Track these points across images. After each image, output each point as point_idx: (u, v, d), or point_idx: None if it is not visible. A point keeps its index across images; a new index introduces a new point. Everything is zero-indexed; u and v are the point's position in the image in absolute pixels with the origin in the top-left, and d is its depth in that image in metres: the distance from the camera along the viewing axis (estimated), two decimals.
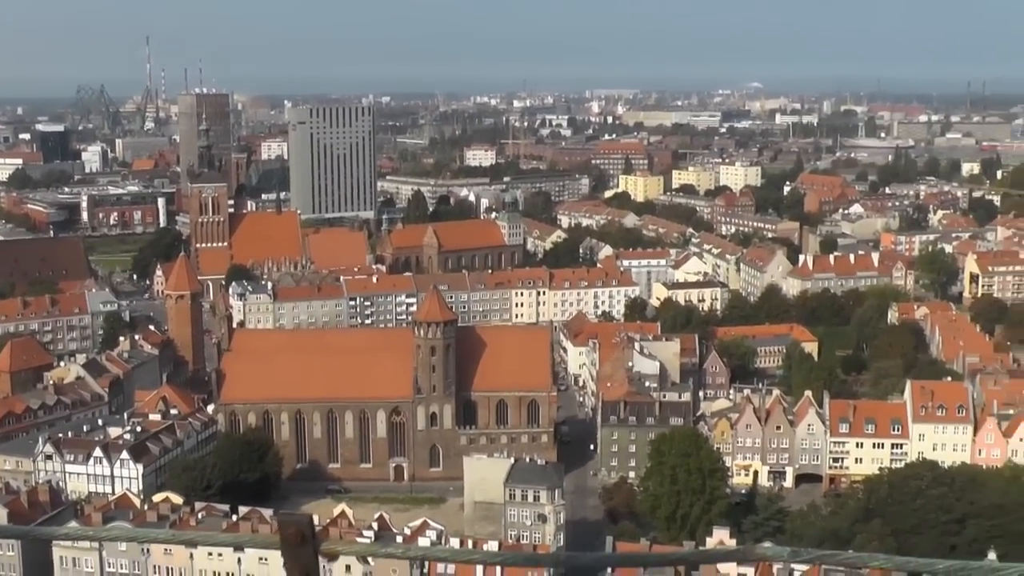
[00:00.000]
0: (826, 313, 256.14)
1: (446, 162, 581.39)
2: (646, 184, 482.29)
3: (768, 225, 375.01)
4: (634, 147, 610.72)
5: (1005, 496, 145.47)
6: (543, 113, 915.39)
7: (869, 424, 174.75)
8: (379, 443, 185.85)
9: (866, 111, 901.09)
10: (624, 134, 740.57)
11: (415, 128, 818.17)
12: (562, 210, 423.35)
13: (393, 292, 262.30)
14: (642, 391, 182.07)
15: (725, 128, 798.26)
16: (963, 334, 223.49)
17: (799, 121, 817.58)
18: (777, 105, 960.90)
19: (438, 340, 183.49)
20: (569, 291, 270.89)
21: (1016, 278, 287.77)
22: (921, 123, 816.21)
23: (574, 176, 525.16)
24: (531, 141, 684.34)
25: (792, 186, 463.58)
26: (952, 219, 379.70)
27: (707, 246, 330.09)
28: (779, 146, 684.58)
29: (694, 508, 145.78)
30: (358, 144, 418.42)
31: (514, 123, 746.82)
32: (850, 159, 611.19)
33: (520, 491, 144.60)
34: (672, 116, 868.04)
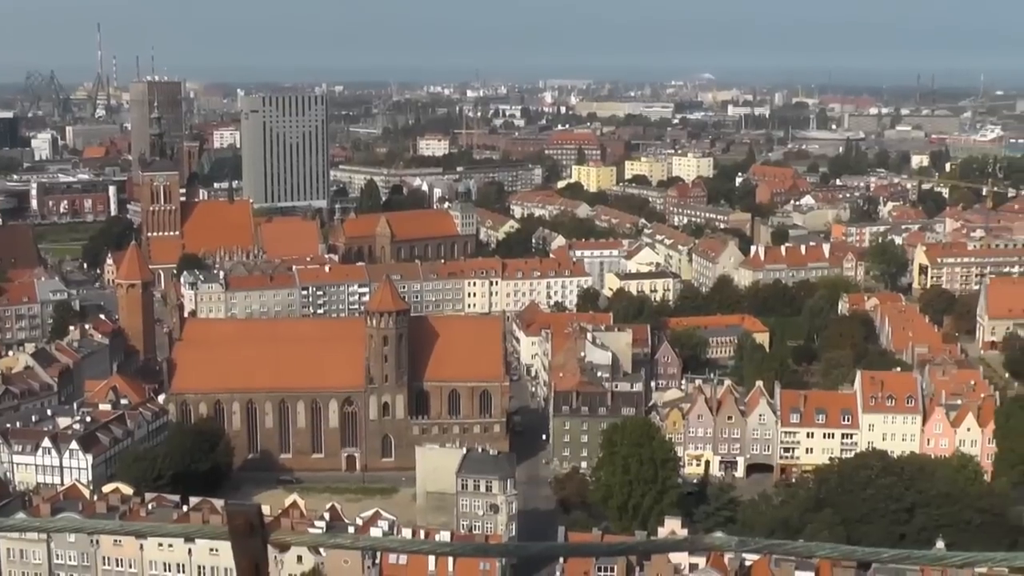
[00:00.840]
0: (777, 304, 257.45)
1: (399, 152, 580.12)
2: (599, 174, 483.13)
3: (720, 216, 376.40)
4: (587, 137, 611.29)
5: (953, 485, 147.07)
6: (496, 103, 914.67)
7: (820, 414, 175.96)
8: (331, 433, 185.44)
9: (817, 103, 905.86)
10: (577, 124, 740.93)
11: (368, 117, 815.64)
12: (515, 200, 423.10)
13: (346, 282, 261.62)
14: (594, 381, 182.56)
15: (678, 119, 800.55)
16: (912, 325, 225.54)
17: (751, 113, 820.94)
18: (729, 97, 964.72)
19: (390, 330, 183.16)
20: (522, 281, 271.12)
21: (964, 270, 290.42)
22: (871, 115, 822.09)
23: (527, 166, 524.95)
24: (484, 131, 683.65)
25: (744, 177, 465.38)
26: (902, 211, 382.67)
27: (659, 237, 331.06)
28: (731, 137, 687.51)
29: (646, 498, 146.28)
30: (311, 133, 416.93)
31: (467, 113, 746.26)
32: (801, 151, 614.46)
33: (472, 481, 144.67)
34: (625, 107, 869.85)
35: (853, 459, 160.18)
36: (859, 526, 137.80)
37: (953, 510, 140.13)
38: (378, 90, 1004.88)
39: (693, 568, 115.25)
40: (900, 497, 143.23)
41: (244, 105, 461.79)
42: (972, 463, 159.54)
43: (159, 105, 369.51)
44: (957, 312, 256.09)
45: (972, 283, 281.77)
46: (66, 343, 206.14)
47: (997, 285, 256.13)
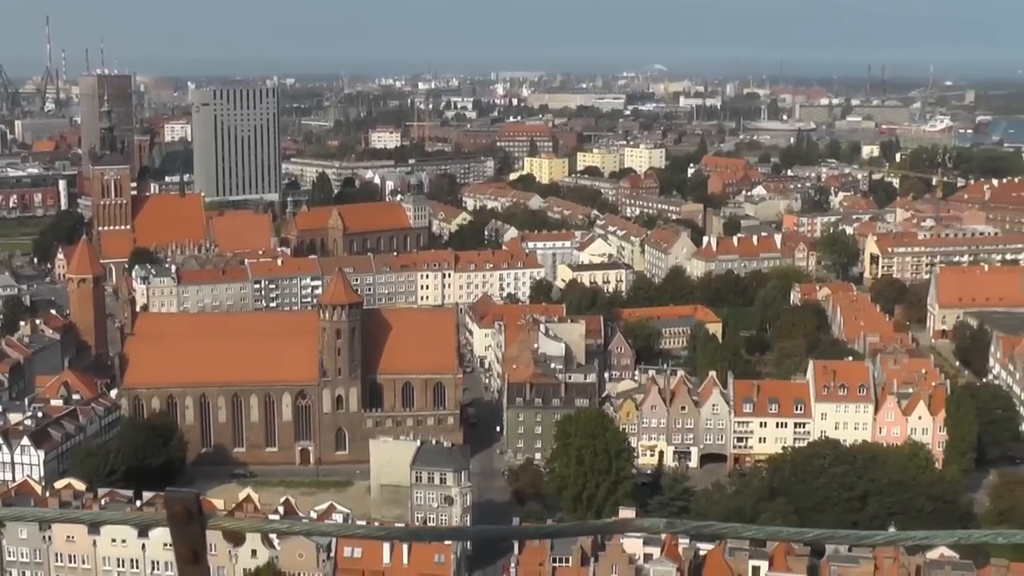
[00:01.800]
0: (730, 294, 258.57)
1: (351, 144, 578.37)
2: (551, 166, 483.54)
3: (672, 207, 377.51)
4: (539, 129, 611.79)
5: (904, 473, 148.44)
6: (448, 95, 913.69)
7: (772, 404, 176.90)
8: (285, 427, 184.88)
9: (769, 94, 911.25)
10: (529, 116, 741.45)
11: (320, 110, 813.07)
12: (467, 192, 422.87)
13: (298, 275, 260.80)
14: (548, 373, 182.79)
15: (629, 111, 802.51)
16: (864, 314, 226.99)
17: (703, 104, 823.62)
18: (681, 88, 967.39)
19: (343, 323, 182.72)
20: (474, 273, 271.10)
21: (915, 259, 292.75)
22: (822, 106, 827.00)
23: (479, 158, 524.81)
24: (436, 123, 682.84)
25: (696, 168, 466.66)
26: (853, 201, 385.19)
27: (612, 228, 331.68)
28: (683, 128, 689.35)
29: (600, 489, 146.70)
30: (262, 126, 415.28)
31: (419, 105, 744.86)
32: (753, 141, 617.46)
33: (426, 473, 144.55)
34: (577, 98, 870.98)
35: (806, 448, 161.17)
36: (812, 514, 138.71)
37: (905, 498, 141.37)
38: (330, 83, 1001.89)
39: (648, 558, 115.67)
40: (853, 485, 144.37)
41: (195, 98, 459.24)
42: (923, 451, 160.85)
43: (109, 99, 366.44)
44: (908, 301, 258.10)
45: (922, 272, 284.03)
46: (16, 338, 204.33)
47: (947, 274, 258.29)
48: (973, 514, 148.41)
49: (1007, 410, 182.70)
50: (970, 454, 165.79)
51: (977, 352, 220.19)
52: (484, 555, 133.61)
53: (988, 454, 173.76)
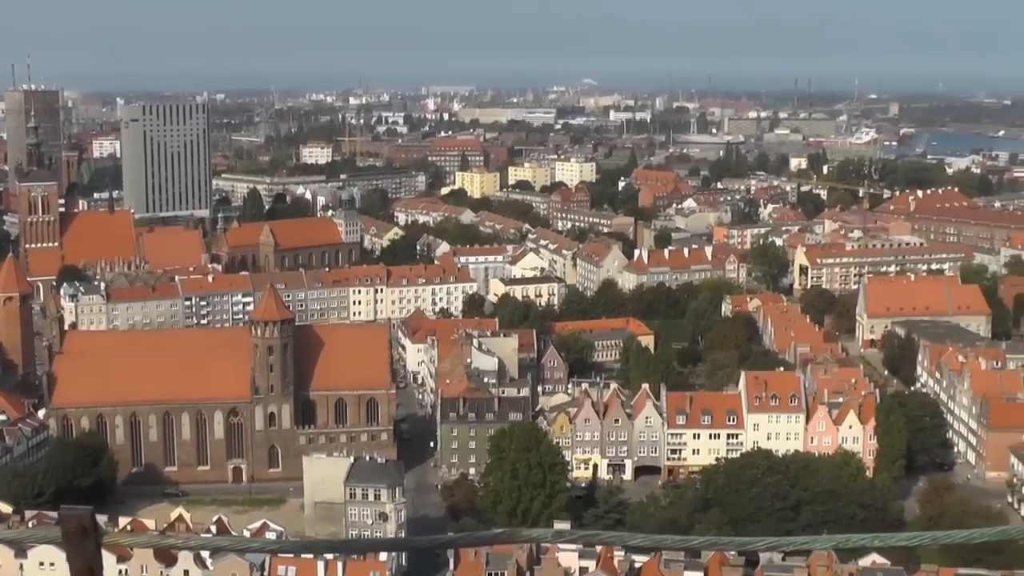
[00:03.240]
0: (661, 306, 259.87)
1: (282, 160, 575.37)
2: (482, 180, 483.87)
3: (603, 220, 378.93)
4: (470, 144, 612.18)
5: (836, 482, 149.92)
6: (379, 110, 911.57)
7: (705, 415, 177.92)
8: (217, 444, 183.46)
9: (698, 107, 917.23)
10: (460, 131, 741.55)
11: (250, 125, 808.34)
12: (399, 207, 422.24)
13: (229, 291, 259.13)
14: (481, 387, 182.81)
15: (560, 125, 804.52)
16: (794, 325, 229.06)
17: (632, 117, 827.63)
18: (611, 102, 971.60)
19: (275, 339, 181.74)
20: (407, 288, 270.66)
21: (843, 270, 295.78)
22: (751, 119, 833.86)
23: (411, 173, 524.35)
24: (367, 138, 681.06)
25: (626, 182, 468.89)
26: (782, 213, 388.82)
27: (543, 242, 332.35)
28: (613, 142, 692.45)
29: (535, 502, 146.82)
30: (192, 142, 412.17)
31: (350, 120, 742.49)
32: (683, 154, 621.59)
33: (360, 490, 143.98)
34: (508, 113, 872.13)
35: (739, 459, 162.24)
36: (746, 525, 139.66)
37: (837, 506, 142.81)
38: (260, 98, 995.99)
39: (584, 571, 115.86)
40: (786, 495, 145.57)
41: (124, 114, 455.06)
42: (854, 460, 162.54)
43: (36, 114, 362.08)
44: (837, 311, 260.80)
45: (851, 283, 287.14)
46: None
47: (875, 284, 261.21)
48: (903, 521, 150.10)
49: (935, 417, 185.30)
50: (900, 462, 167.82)
51: (905, 361, 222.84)
52: (420, 571, 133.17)
53: (917, 461, 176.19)
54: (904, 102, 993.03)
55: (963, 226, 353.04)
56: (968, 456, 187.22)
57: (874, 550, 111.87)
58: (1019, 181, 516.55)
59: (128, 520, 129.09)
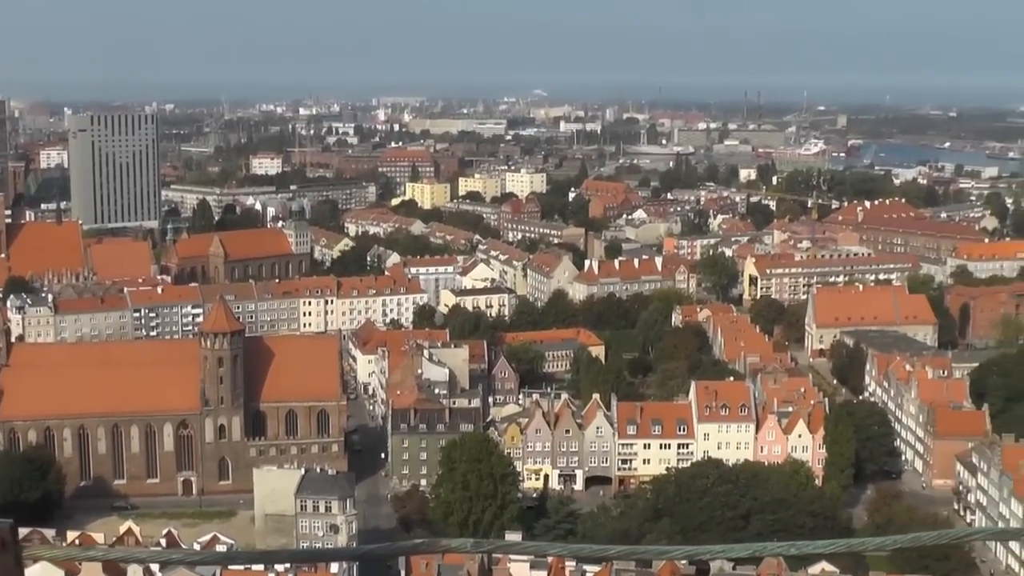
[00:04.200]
0: (612, 317, 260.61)
1: (232, 170, 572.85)
2: (433, 191, 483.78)
3: (554, 231, 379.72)
4: (421, 154, 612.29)
5: (786, 491, 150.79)
6: (329, 121, 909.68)
7: (656, 425, 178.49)
8: (166, 457, 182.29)
9: (648, 118, 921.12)
10: (411, 142, 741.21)
11: (200, 136, 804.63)
12: (349, 218, 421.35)
13: (179, 303, 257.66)
14: (432, 398, 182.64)
15: (511, 135, 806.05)
16: (744, 335, 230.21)
17: (583, 128, 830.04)
18: (561, 113, 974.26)
19: (225, 351, 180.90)
20: (357, 299, 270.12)
21: (792, 280, 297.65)
22: (700, 130, 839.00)
23: (361, 184, 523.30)
24: (317, 149, 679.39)
25: (577, 192, 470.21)
26: (731, 223, 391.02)
27: (494, 252, 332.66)
28: (564, 153, 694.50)
29: (486, 513, 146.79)
30: (141, 152, 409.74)
31: (300, 131, 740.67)
32: (633, 165, 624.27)
33: (311, 502, 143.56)
34: (458, 124, 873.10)
35: (689, 468, 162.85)
36: (697, 534, 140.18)
37: (787, 515, 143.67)
38: (210, 108, 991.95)
39: None
40: (736, 504, 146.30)
41: (71, 124, 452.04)
42: (804, 468, 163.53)
43: None
44: (786, 321, 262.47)
45: (800, 293, 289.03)
46: None
47: (824, 294, 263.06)
48: (852, 529, 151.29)
49: (883, 426, 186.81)
50: (848, 470, 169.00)
51: (853, 370, 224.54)
52: None
53: (866, 469, 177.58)
54: (852, 114, 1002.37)
55: (910, 236, 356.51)
56: (915, 464, 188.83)
57: (798, 558, 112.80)
58: (964, 192, 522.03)
59: (76, 534, 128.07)
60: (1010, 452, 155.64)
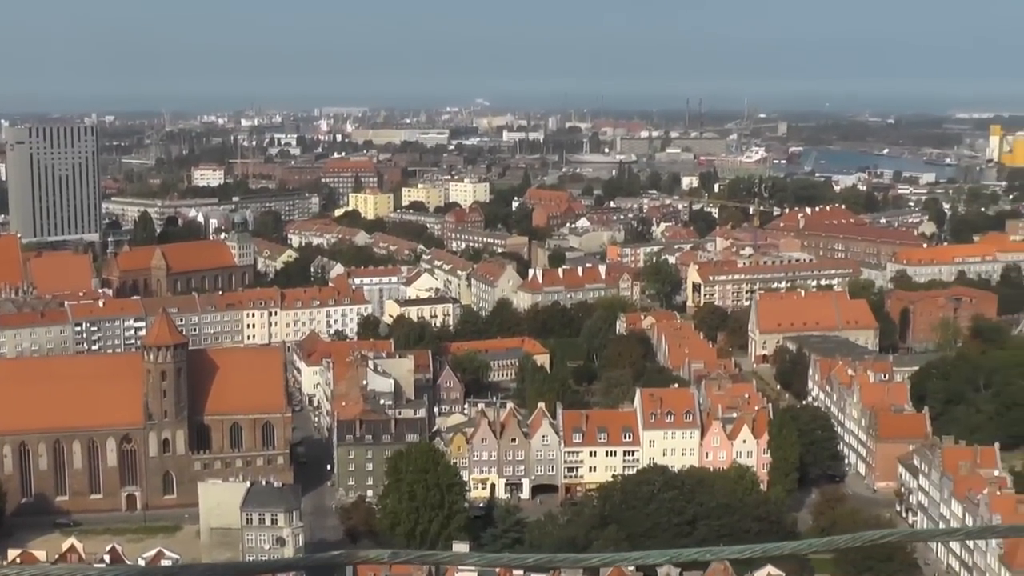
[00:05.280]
0: (556, 325, 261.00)
1: (173, 182, 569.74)
2: (376, 202, 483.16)
3: (498, 240, 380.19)
4: (364, 165, 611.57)
5: (731, 496, 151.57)
6: (271, 132, 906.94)
7: (601, 433, 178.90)
8: (109, 472, 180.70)
9: (590, 127, 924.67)
10: (353, 152, 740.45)
11: (141, 148, 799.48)
12: (292, 229, 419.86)
13: (121, 316, 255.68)
14: (377, 409, 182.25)
15: (453, 145, 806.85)
16: (688, 342, 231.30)
17: (526, 137, 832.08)
18: (504, 122, 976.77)
19: (168, 364, 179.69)
20: (301, 311, 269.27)
21: (735, 286, 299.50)
22: (643, 138, 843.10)
23: (304, 195, 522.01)
24: (260, 160, 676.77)
25: (520, 201, 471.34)
26: (674, 231, 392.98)
27: (438, 262, 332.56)
28: (507, 162, 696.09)
29: (433, 523, 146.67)
30: (81, 165, 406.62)
31: (242, 142, 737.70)
32: (576, 174, 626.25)
33: (257, 515, 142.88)
34: (401, 134, 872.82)
35: (635, 475, 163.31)
36: (644, 540, 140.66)
37: (732, 520, 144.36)
38: (151, 120, 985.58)
39: None
40: (682, 510, 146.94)
41: (9, 136, 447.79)
42: (749, 473, 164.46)
43: None
44: (730, 328, 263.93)
45: (743, 299, 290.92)
46: None
47: (766, 300, 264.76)
48: (797, 533, 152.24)
49: (826, 430, 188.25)
50: (793, 474, 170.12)
51: (796, 375, 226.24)
52: None
53: (810, 473, 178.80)
54: (792, 121, 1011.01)
55: (851, 242, 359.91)
56: (858, 467, 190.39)
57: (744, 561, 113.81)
58: (903, 198, 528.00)
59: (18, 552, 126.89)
60: (950, 454, 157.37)
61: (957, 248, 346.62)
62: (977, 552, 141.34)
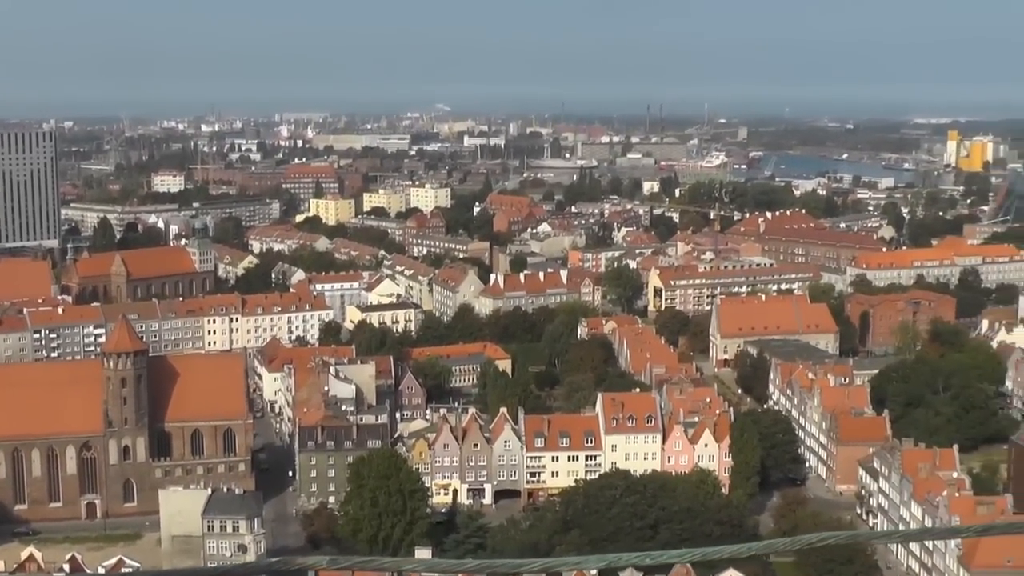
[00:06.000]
0: (518, 330, 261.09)
1: (133, 188, 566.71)
2: (337, 207, 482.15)
3: (459, 245, 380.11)
4: (324, 171, 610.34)
5: (693, 500, 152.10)
6: (232, 137, 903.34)
7: (564, 438, 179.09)
8: (69, 480, 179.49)
9: (551, 132, 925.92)
10: (314, 158, 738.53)
11: (100, 153, 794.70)
12: (253, 235, 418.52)
13: (80, 323, 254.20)
14: (339, 415, 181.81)
15: (415, 151, 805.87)
16: (649, 346, 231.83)
17: (487, 143, 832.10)
18: (465, 127, 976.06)
19: (128, 371, 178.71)
20: (262, 317, 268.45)
21: (696, 291, 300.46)
22: (603, 144, 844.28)
23: (265, 201, 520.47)
24: (220, 166, 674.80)
25: (481, 207, 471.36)
26: (635, 236, 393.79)
27: (399, 268, 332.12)
28: (468, 167, 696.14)
29: (396, 529, 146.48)
30: (40, 170, 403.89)
31: (202, 148, 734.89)
32: (537, 179, 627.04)
33: (219, 522, 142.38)
34: (362, 139, 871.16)
35: (597, 480, 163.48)
36: (606, 545, 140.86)
37: (695, 524, 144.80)
38: (110, 125, 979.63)
39: None
40: (644, 514, 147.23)
41: None
42: (710, 477, 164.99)
43: None
44: (691, 332, 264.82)
45: (704, 304, 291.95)
46: None
47: (727, 305, 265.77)
48: (759, 536, 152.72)
49: (787, 434, 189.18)
50: (754, 478, 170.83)
51: (757, 379, 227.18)
52: None
53: (771, 477, 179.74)
54: (752, 126, 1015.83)
55: (811, 247, 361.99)
56: (819, 470, 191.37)
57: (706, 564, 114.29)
58: (862, 202, 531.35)
59: None
60: (910, 456, 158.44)
61: (916, 252, 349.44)
62: (936, 553, 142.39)
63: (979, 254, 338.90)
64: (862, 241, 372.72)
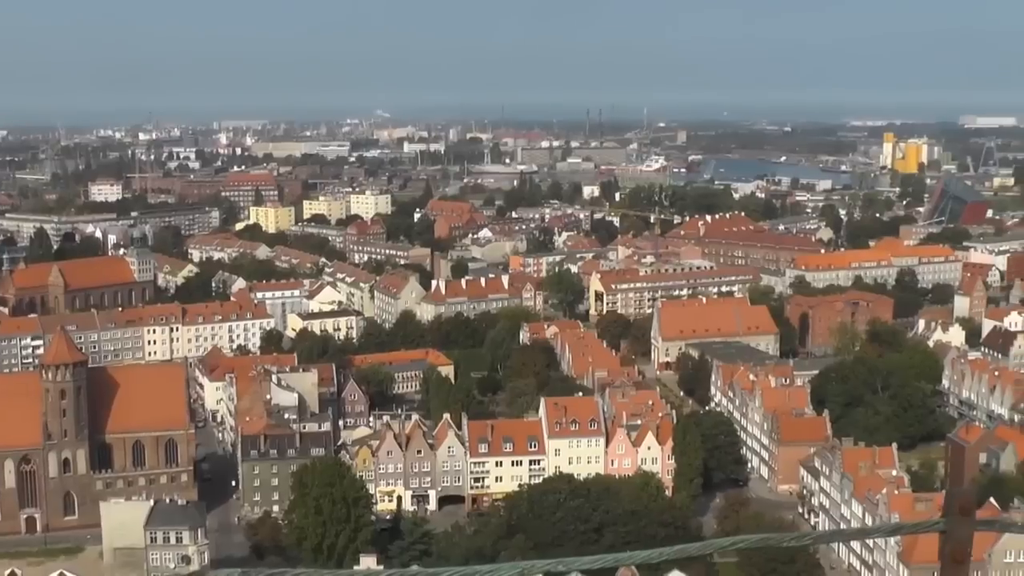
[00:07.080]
0: (460, 336, 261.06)
1: (70, 198, 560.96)
2: (277, 215, 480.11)
3: (400, 252, 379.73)
4: (264, 178, 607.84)
5: (637, 502, 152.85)
6: (170, 146, 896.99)
7: (507, 443, 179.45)
8: (7, 494, 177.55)
9: (491, 138, 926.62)
10: (253, 165, 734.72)
11: (36, 163, 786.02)
12: (193, 244, 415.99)
13: (17, 335, 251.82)
14: (281, 423, 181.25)
15: (354, 157, 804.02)
16: (591, 350, 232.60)
17: (427, 149, 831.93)
18: (405, 133, 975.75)
19: (68, 383, 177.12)
20: (203, 326, 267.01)
21: (637, 295, 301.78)
22: (544, 149, 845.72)
23: (204, 209, 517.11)
24: (158, 174, 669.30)
25: (422, 213, 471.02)
26: (576, 240, 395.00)
27: (340, 275, 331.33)
28: (408, 174, 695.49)
29: (340, 537, 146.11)
30: None
31: (140, 156, 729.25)
32: (477, 185, 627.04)
33: (162, 533, 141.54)
34: (301, 146, 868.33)
35: (541, 484, 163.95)
36: (550, 549, 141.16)
37: (639, 526, 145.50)
38: (45, 134, 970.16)
39: None
40: (588, 518, 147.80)
41: None
42: (654, 480, 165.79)
43: None
44: (633, 336, 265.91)
45: (645, 307, 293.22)
46: None
47: (668, 308, 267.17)
48: (703, 537, 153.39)
49: (729, 435, 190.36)
50: (697, 480, 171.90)
51: (699, 381, 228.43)
52: None
53: (714, 478, 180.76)
54: (691, 130, 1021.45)
55: (750, 249, 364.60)
56: (761, 471, 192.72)
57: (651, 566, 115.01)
58: (800, 205, 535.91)
59: None
60: (850, 455, 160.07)
61: (853, 253, 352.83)
62: (877, 551, 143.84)
63: (915, 255, 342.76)
64: (801, 243, 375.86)
